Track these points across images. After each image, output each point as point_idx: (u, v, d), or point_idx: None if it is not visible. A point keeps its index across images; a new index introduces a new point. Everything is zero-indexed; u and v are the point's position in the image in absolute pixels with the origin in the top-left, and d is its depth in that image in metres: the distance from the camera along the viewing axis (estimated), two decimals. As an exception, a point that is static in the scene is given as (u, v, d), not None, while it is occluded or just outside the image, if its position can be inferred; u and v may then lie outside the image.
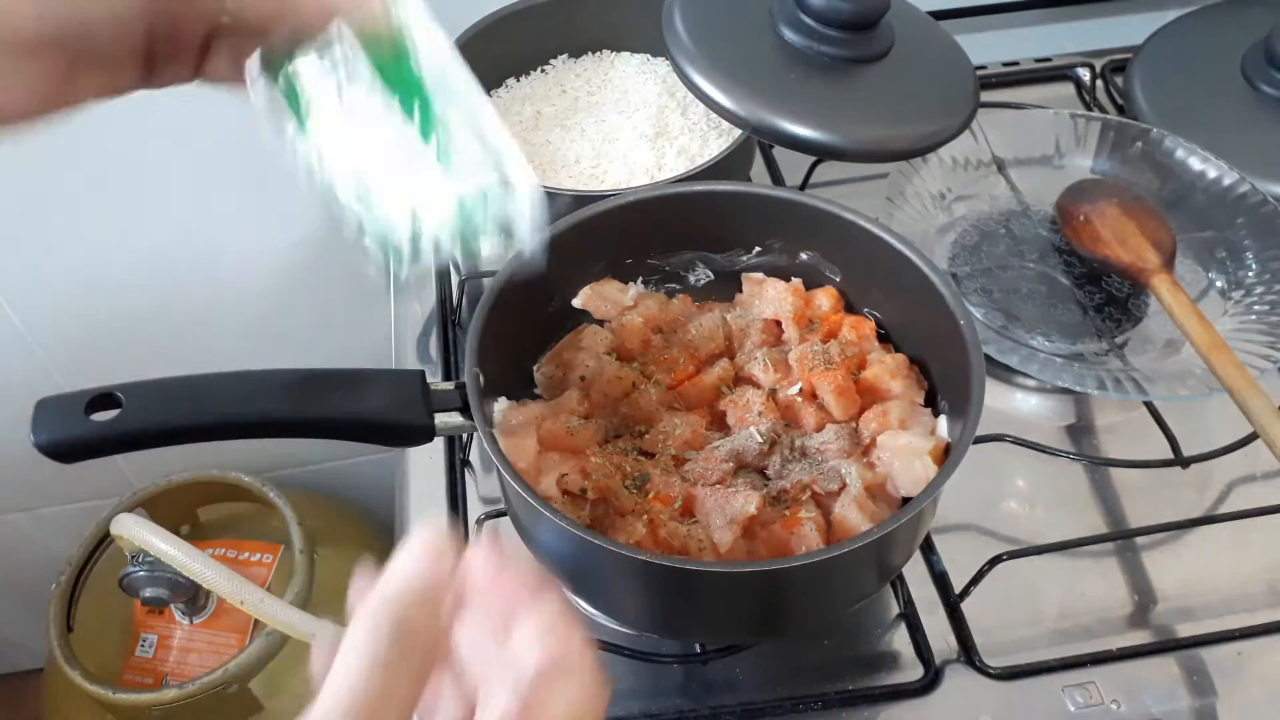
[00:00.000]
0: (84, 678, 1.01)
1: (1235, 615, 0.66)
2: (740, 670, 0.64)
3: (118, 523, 0.98)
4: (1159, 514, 0.70)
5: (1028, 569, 0.66)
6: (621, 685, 0.63)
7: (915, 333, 0.66)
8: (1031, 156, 0.90)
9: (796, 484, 0.58)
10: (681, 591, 0.55)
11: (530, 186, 0.39)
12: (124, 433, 0.50)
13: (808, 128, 0.72)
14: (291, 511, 1.12)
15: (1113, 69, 1.01)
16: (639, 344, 0.66)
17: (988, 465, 0.72)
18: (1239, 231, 0.83)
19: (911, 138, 0.75)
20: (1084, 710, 0.61)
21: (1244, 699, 0.62)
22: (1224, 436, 0.72)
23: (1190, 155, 0.85)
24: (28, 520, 1.32)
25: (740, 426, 0.62)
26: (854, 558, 0.52)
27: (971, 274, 0.82)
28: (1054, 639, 0.65)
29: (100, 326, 1.13)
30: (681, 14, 0.76)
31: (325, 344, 1.21)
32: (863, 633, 0.66)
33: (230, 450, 1.19)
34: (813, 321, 0.67)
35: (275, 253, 1.11)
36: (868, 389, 0.63)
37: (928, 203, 0.85)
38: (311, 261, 1.13)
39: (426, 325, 0.85)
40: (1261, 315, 0.77)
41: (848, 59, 0.75)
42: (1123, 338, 0.78)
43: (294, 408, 0.52)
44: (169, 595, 1.04)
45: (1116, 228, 0.80)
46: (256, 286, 1.14)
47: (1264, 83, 0.89)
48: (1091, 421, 0.77)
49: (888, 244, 0.63)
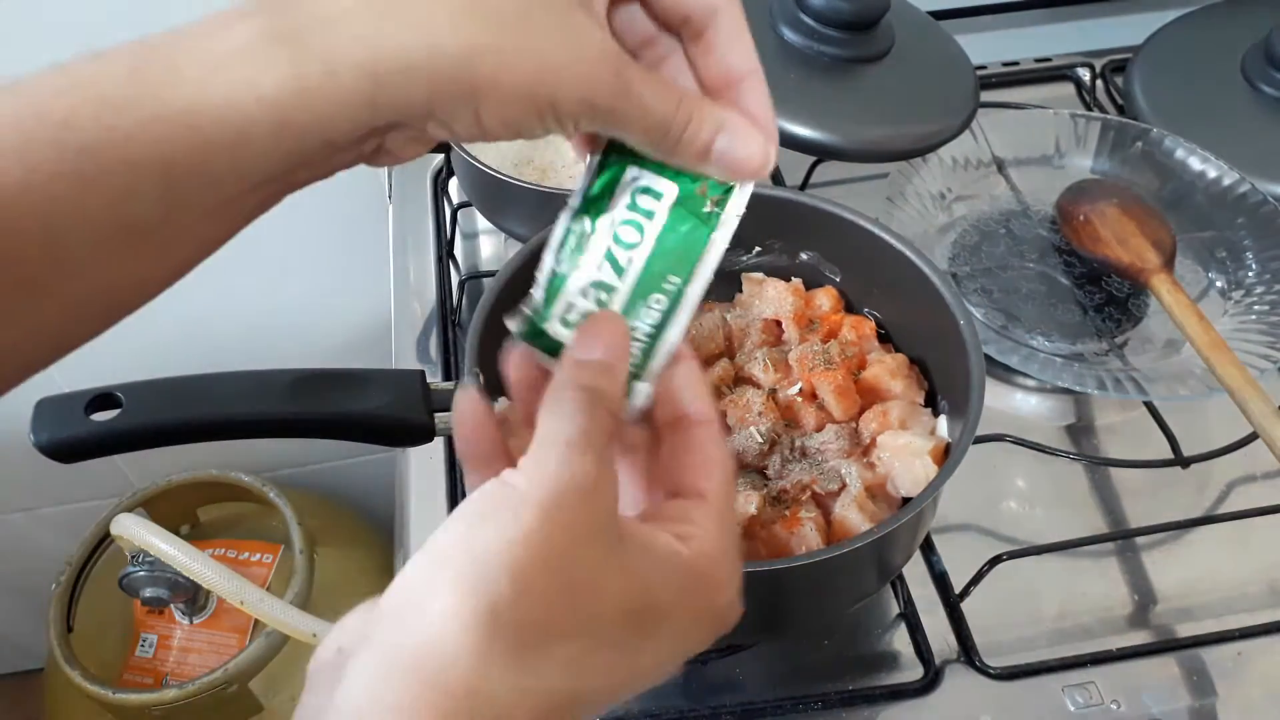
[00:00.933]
0: (84, 678, 1.01)
1: (1235, 615, 0.66)
2: (740, 670, 0.64)
3: (118, 523, 0.98)
4: (1159, 514, 0.70)
5: (1028, 569, 0.66)
6: (621, 685, 0.63)
7: (915, 333, 0.66)
8: (1031, 156, 0.90)
9: (796, 484, 0.58)
10: (681, 591, 0.55)
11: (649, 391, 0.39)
12: (124, 433, 0.50)
13: (808, 128, 0.72)
14: (291, 511, 1.12)
15: (1113, 69, 1.01)
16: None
17: (988, 465, 0.72)
18: (1239, 231, 0.83)
19: (911, 138, 0.75)
20: (1084, 710, 0.61)
21: (1244, 699, 0.62)
22: (1224, 436, 0.72)
23: (1190, 155, 0.85)
24: (28, 520, 1.32)
25: (740, 426, 0.62)
26: (854, 558, 0.52)
27: (971, 274, 0.82)
28: (1054, 639, 0.65)
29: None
30: (681, 14, 0.76)
31: (325, 344, 1.21)
32: (863, 633, 0.66)
33: (230, 450, 1.19)
34: (813, 321, 0.67)
35: (275, 252, 1.11)
36: (868, 389, 0.63)
37: (928, 203, 0.85)
38: (312, 261, 1.13)
39: (426, 325, 0.84)
40: (1261, 315, 0.77)
41: (848, 59, 0.75)
42: (1123, 338, 0.78)
43: (294, 408, 0.52)
44: (169, 595, 1.04)
45: (1116, 228, 0.80)
46: (257, 286, 1.14)
47: (1264, 83, 0.89)
48: (1091, 421, 0.77)
49: (888, 244, 0.63)
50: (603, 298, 0.39)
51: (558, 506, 0.30)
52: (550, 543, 0.29)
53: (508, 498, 0.30)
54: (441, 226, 0.91)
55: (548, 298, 0.39)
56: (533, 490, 0.30)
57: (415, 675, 0.28)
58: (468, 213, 0.93)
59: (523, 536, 0.29)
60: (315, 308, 1.18)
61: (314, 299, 1.17)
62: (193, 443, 0.51)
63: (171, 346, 1.13)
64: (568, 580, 0.30)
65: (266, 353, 1.19)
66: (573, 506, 0.30)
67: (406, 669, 0.28)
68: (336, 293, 1.17)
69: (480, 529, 0.29)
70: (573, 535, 0.30)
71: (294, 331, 1.19)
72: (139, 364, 1.12)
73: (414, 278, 0.88)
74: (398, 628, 0.29)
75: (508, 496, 0.30)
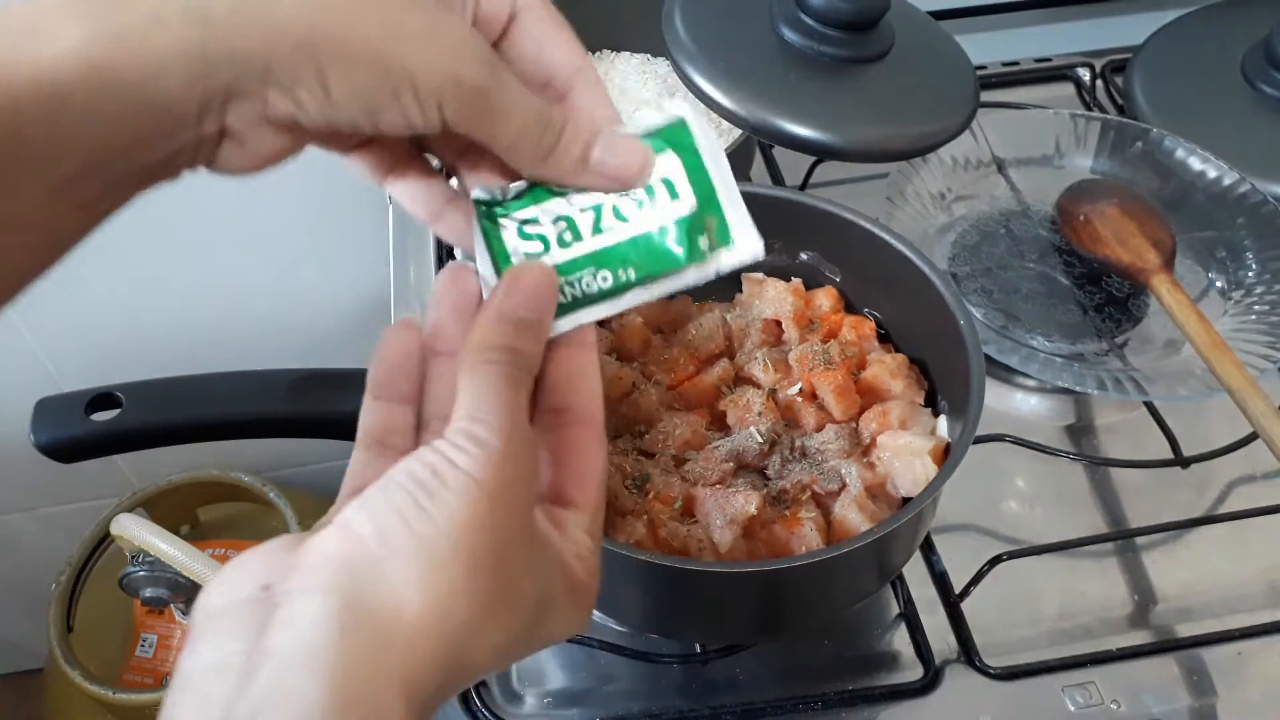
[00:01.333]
0: (84, 678, 1.01)
1: (1235, 615, 0.66)
2: (740, 670, 0.63)
3: (118, 523, 0.98)
4: (1159, 514, 0.70)
5: (1028, 569, 0.66)
6: (621, 685, 0.63)
7: (915, 333, 0.66)
8: (1031, 156, 0.90)
9: (796, 484, 0.58)
10: (681, 591, 0.55)
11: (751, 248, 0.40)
12: (124, 433, 0.50)
13: (808, 128, 0.72)
14: (291, 511, 1.12)
15: (1113, 69, 1.01)
16: (639, 344, 0.66)
17: (988, 465, 0.72)
18: (1239, 231, 0.83)
19: (911, 138, 0.75)
20: (1084, 710, 0.61)
21: (1244, 699, 0.62)
22: (1224, 436, 0.72)
23: (1190, 155, 0.85)
24: (28, 520, 1.32)
25: (740, 426, 0.62)
26: (854, 558, 0.52)
27: (971, 274, 0.82)
28: (1054, 639, 0.65)
29: (101, 326, 1.13)
30: (681, 14, 0.76)
31: (325, 344, 1.21)
32: (863, 633, 0.66)
33: (230, 450, 1.19)
34: (813, 321, 0.67)
35: (275, 252, 1.11)
36: (868, 389, 0.63)
37: (928, 203, 0.85)
38: (311, 261, 1.13)
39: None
40: (1261, 315, 0.77)
41: (848, 59, 0.75)
42: (1123, 338, 0.78)
43: (294, 408, 0.52)
44: (169, 595, 1.04)
45: (1116, 228, 0.80)
46: (257, 286, 1.14)
47: (1264, 83, 0.89)
48: (1091, 421, 0.77)
49: (888, 244, 0.63)
50: (566, 238, 0.38)
51: (501, 495, 0.31)
52: (494, 532, 0.30)
53: (453, 477, 0.30)
54: (441, 226, 0.91)
55: (521, 197, 0.38)
56: (477, 471, 0.30)
57: (377, 637, 0.27)
58: (468, 213, 0.92)
59: (471, 524, 0.30)
60: (315, 308, 1.18)
61: (314, 299, 1.17)
62: (193, 443, 0.51)
63: (171, 346, 1.13)
64: (504, 576, 0.31)
65: (266, 353, 1.19)
66: (510, 497, 0.31)
67: (367, 628, 0.27)
68: (336, 293, 1.17)
69: (432, 506, 0.30)
70: (508, 531, 0.31)
71: (294, 331, 1.19)
72: (139, 364, 1.12)
73: (414, 278, 0.88)
74: (352, 583, 0.28)
75: (453, 476, 0.30)
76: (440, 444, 0.31)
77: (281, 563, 0.29)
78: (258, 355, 1.19)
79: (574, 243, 0.38)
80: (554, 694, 0.63)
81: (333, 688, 0.26)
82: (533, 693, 0.63)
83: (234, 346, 1.18)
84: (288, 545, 0.30)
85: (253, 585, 0.29)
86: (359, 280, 1.15)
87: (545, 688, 0.63)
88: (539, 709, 0.62)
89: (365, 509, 0.30)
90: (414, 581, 0.28)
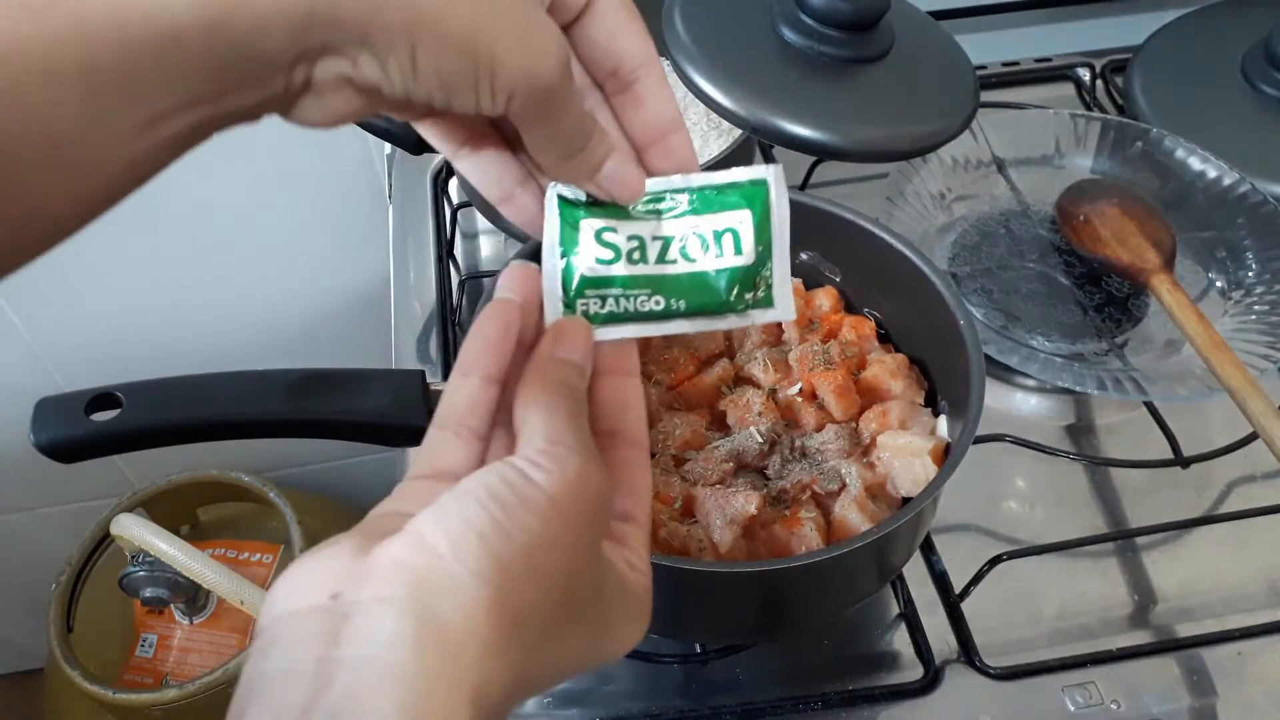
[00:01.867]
0: (84, 678, 1.01)
1: (1235, 615, 0.66)
2: (740, 670, 0.64)
3: (118, 523, 0.98)
4: (1159, 514, 0.70)
5: (1028, 569, 0.66)
6: (621, 685, 0.63)
7: (915, 333, 0.66)
8: (1031, 156, 0.90)
9: (796, 484, 0.58)
10: (681, 591, 0.55)
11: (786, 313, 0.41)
12: (124, 433, 0.50)
13: (808, 128, 0.72)
14: (291, 511, 1.12)
15: (1113, 69, 1.01)
16: (639, 344, 0.65)
17: (988, 465, 0.72)
18: (1239, 231, 0.83)
19: (911, 138, 0.75)
20: (1084, 710, 0.61)
21: (1244, 699, 0.62)
22: (1224, 436, 0.72)
23: (1190, 155, 0.85)
24: (28, 520, 1.32)
25: (740, 426, 0.62)
26: (854, 558, 0.52)
27: (971, 274, 0.82)
28: (1054, 639, 0.65)
29: (101, 326, 1.13)
30: (681, 14, 0.76)
31: (325, 344, 1.21)
32: (863, 633, 0.66)
33: (230, 450, 1.19)
34: (813, 321, 0.67)
35: (275, 252, 1.11)
36: (868, 389, 0.63)
37: (928, 203, 0.85)
38: (311, 261, 1.13)
39: (426, 325, 0.85)
40: (1261, 315, 0.77)
41: (848, 59, 0.75)
42: (1123, 338, 0.78)
43: (294, 408, 0.52)
44: (169, 595, 1.04)
45: (1116, 228, 0.80)
46: (257, 286, 1.14)
47: (1264, 83, 0.89)
48: (1091, 421, 0.77)
49: (888, 244, 0.63)
50: (634, 256, 0.40)
51: (577, 518, 0.32)
52: (568, 554, 0.31)
53: (532, 496, 0.31)
54: (441, 227, 0.91)
55: (600, 204, 0.40)
56: (557, 491, 0.31)
57: (449, 654, 0.28)
58: (468, 213, 0.93)
59: (546, 544, 0.30)
60: (315, 307, 1.18)
61: (314, 299, 1.17)
62: (193, 443, 0.51)
63: (171, 346, 1.13)
64: (574, 597, 0.32)
65: (266, 352, 1.19)
66: (585, 520, 0.32)
67: (440, 644, 0.28)
68: (336, 293, 1.17)
69: (509, 524, 0.30)
70: (580, 554, 0.32)
71: (293, 331, 1.19)
72: (139, 364, 1.12)
73: (414, 278, 0.88)
74: (426, 597, 0.28)
75: (532, 495, 0.31)
76: (519, 461, 0.32)
77: (349, 571, 0.29)
78: (258, 355, 1.19)
79: (640, 263, 0.40)
80: (554, 694, 0.63)
81: (405, 703, 0.26)
82: (533, 693, 0.63)
83: (234, 346, 1.18)
84: (353, 552, 0.29)
85: (320, 593, 0.29)
86: (359, 281, 1.15)
87: (545, 688, 0.63)
88: (539, 709, 0.63)
89: (439, 520, 0.30)
90: (487, 599, 0.28)
